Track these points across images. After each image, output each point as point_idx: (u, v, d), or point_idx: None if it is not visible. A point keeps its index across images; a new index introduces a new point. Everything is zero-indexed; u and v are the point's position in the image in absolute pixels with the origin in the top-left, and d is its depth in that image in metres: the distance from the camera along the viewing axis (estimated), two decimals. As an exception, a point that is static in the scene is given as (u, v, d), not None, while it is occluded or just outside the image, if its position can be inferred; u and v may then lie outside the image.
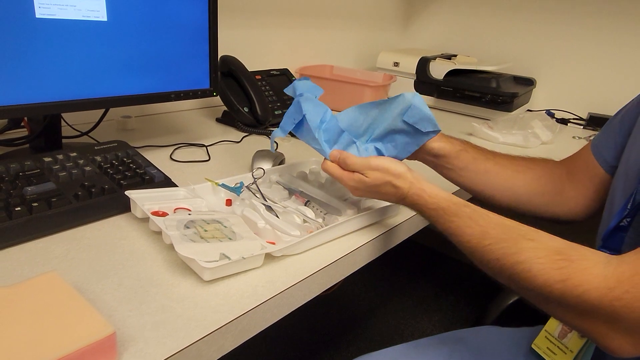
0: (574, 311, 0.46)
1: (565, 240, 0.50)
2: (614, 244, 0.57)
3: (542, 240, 0.50)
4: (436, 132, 0.63)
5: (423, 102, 0.60)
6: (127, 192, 0.62)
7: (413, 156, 0.68)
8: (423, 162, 0.72)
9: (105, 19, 0.72)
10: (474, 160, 0.70)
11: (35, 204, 0.58)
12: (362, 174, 0.61)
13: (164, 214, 0.61)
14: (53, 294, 0.43)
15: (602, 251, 0.56)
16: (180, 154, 0.90)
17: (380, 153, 0.65)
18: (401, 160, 0.65)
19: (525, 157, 0.75)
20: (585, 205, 0.70)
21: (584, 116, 1.50)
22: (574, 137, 1.35)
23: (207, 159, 0.89)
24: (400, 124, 0.62)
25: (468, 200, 0.59)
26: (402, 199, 0.61)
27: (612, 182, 0.63)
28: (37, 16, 0.64)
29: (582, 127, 1.46)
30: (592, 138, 0.70)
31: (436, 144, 0.67)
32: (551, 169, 0.72)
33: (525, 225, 0.53)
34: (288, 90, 0.69)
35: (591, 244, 0.54)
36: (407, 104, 0.61)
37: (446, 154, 0.68)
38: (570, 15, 1.55)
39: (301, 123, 0.64)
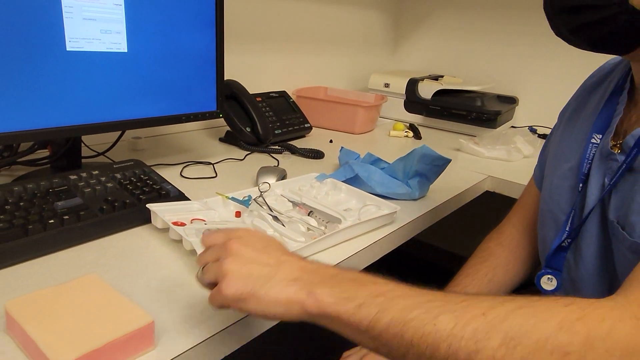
0: None
1: None
2: (556, 263, 0.64)
3: None
4: (448, 161, 0.88)
5: (429, 148, 0.88)
6: (148, 205, 0.69)
7: None
8: None
9: (125, 50, 0.79)
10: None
11: (66, 217, 0.65)
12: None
13: (182, 224, 0.68)
14: (95, 292, 0.49)
15: (546, 271, 0.65)
16: (189, 171, 0.97)
17: (422, 179, 0.90)
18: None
19: (482, 259, 0.79)
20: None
21: (564, 132, 1.59)
22: (554, 152, 1.43)
23: (214, 175, 0.96)
24: (421, 165, 0.88)
25: None
26: None
27: (540, 204, 0.72)
28: (67, 49, 0.72)
29: (562, 142, 1.54)
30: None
31: None
32: (499, 255, 0.78)
33: None
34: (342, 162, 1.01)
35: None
36: (421, 154, 0.87)
37: None
38: (548, 37, 1.65)
39: (353, 178, 0.89)
